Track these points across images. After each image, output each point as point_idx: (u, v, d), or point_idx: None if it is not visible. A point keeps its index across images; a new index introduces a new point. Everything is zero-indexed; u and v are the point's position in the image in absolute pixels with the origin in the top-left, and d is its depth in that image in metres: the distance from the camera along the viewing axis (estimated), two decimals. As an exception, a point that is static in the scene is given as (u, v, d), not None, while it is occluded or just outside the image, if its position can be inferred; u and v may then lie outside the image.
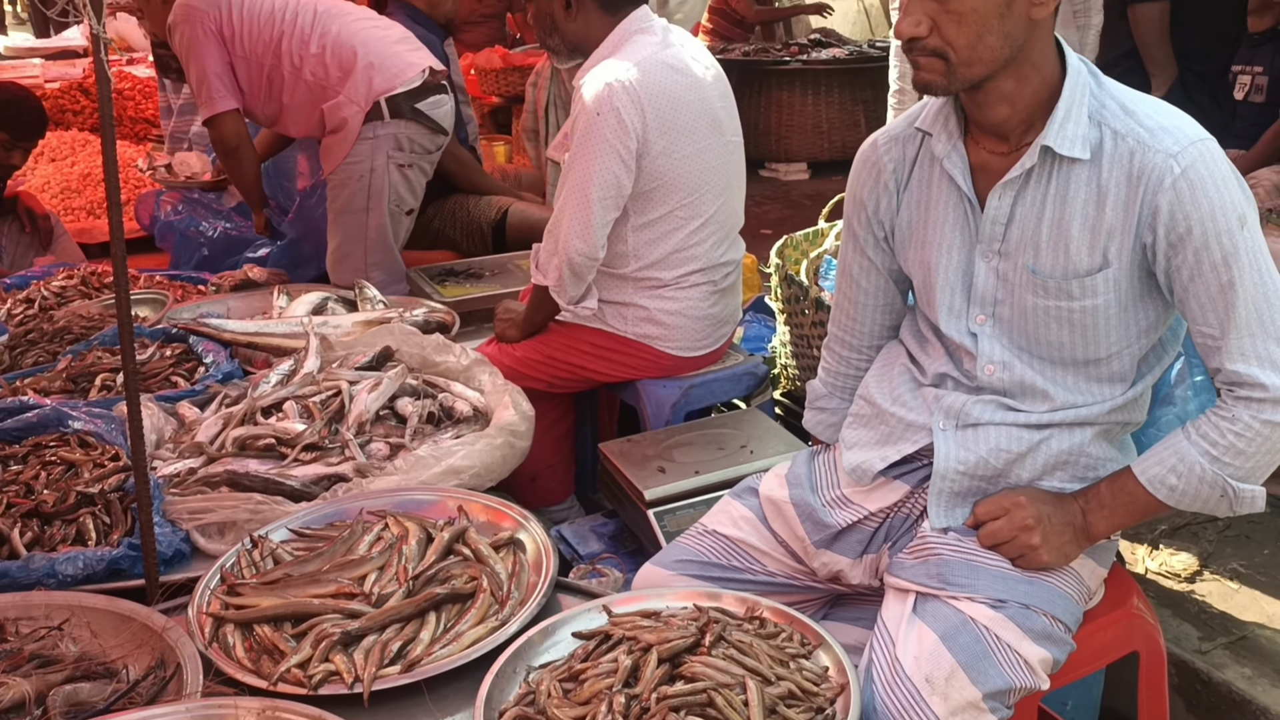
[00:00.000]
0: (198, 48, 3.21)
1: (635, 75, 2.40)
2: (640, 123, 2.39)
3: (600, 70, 2.42)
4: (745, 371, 2.68)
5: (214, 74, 3.21)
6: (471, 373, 2.44)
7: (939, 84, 1.51)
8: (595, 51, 2.52)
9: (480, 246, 3.74)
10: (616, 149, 2.38)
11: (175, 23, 3.26)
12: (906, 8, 1.47)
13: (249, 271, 3.41)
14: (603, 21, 2.50)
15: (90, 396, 2.43)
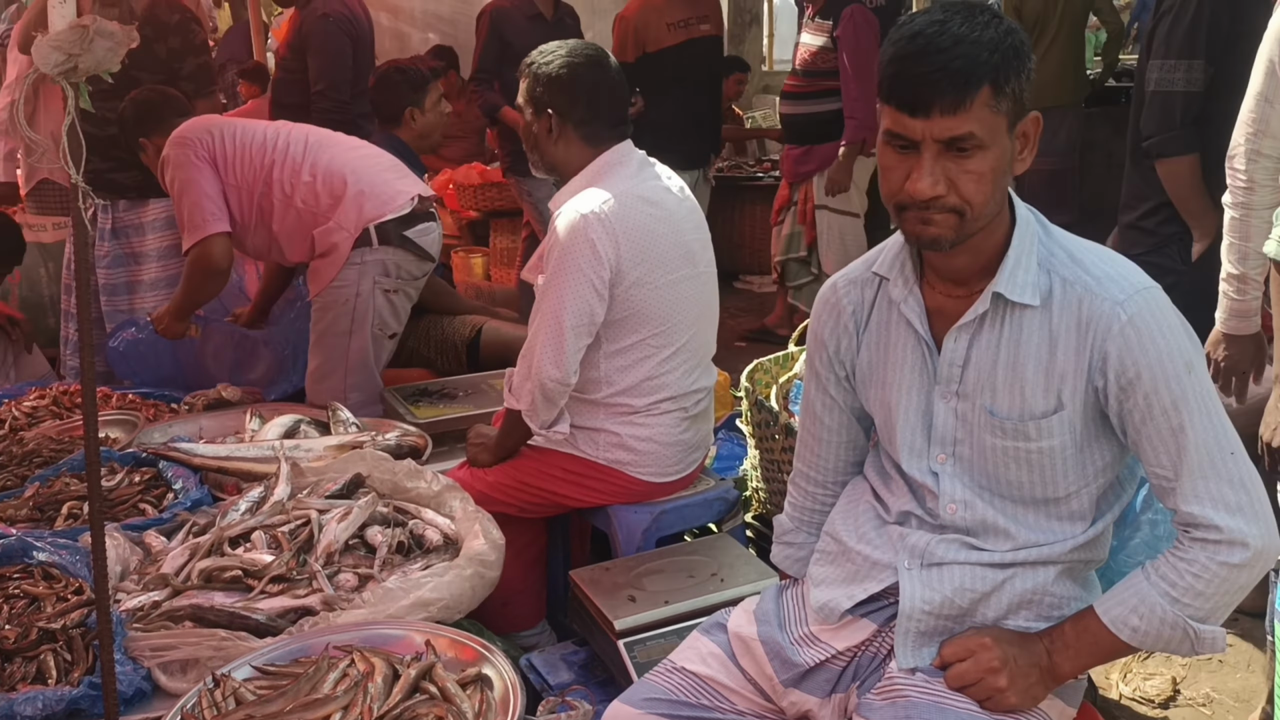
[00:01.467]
0: (190, 172, 3.24)
1: (611, 207, 2.46)
2: (614, 253, 2.45)
3: (577, 201, 2.48)
4: (716, 497, 2.69)
5: (208, 197, 3.23)
6: (442, 499, 2.44)
7: (948, 239, 1.54)
8: (573, 179, 2.58)
9: (455, 365, 3.77)
10: (590, 278, 2.43)
11: (167, 154, 3.31)
12: (923, 170, 1.49)
13: (222, 391, 3.42)
14: (583, 152, 2.57)
15: (57, 525, 2.42)
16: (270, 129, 3.43)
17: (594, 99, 2.57)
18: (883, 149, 1.55)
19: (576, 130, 2.56)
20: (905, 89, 1.48)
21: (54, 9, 1.57)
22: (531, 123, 2.60)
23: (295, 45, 4.11)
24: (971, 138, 1.48)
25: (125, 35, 1.61)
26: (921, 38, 1.47)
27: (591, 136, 2.57)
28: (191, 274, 3.37)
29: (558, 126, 2.56)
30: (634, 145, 2.63)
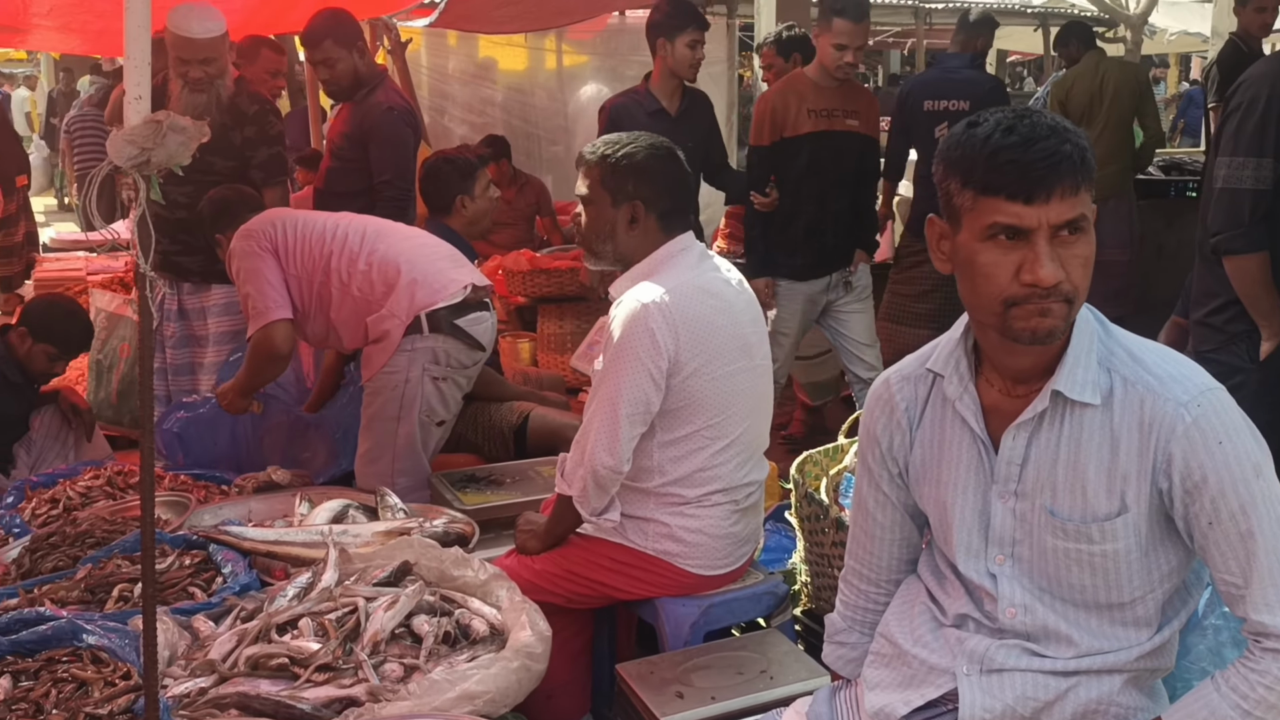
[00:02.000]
0: (254, 262, 3.35)
1: (671, 298, 2.47)
2: (673, 343, 2.45)
3: (638, 290, 2.50)
4: (766, 591, 2.65)
5: (272, 285, 3.34)
6: (489, 587, 2.43)
7: (1060, 330, 1.51)
8: (636, 266, 2.59)
9: (502, 451, 3.78)
10: (648, 367, 2.44)
11: (234, 246, 3.43)
12: (1042, 256, 1.47)
13: (272, 473, 3.45)
14: (656, 239, 2.59)
15: (107, 607, 2.42)
16: (330, 220, 3.52)
17: (675, 189, 2.61)
18: (984, 247, 1.51)
19: (660, 221, 2.58)
20: (1021, 176, 1.47)
21: (130, 105, 1.62)
22: (606, 211, 2.59)
23: (354, 136, 4.21)
24: (1084, 219, 1.49)
25: (196, 130, 1.66)
26: (1015, 131, 1.48)
27: (668, 226, 2.60)
28: (254, 357, 3.45)
29: (642, 216, 2.56)
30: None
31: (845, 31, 4.24)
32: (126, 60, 1.60)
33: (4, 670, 2.12)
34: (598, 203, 2.60)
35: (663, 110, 4.55)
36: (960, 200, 1.53)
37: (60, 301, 4.34)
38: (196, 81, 3.98)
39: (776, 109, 4.41)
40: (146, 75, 1.61)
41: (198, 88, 3.99)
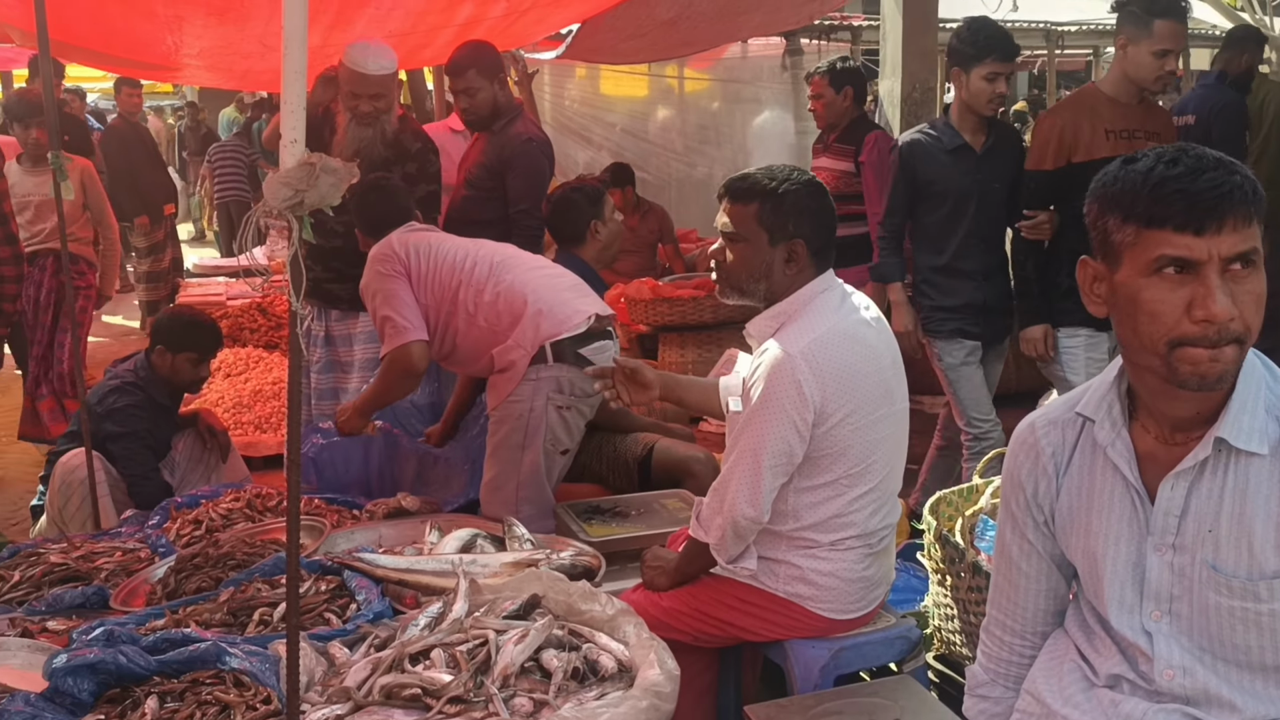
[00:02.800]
0: (388, 285, 3.44)
1: (817, 347, 2.42)
2: (819, 395, 2.41)
3: (784, 339, 2.45)
4: (898, 635, 2.58)
5: (406, 306, 3.41)
6: (617, 623, 2.42)
7: (1229, 374, 1.45)
8: (777, 306, 2.53)
9: (626, 482, 3.78)
10: (793, 419, 2.40)
11: (368, 268, 3.52)
12: (1214, 290, 1.41)
13: (402, 500, 3.52)
14: (807, 276, 2.53)
15: (248, 631, 2.49)
16: (461, 249, 3.57)
17: (830, 227, 2.56)
18: (1148, 283, 1.45)
19: (813, 259, 2.53)
20: (1190, 205, 1.40)
21: (285, 148, 1.67)
22: (762, 250, 2.52)
23: (491, 166, 4.29)
24: (1255, 253, 1.42)
25: (347, 172, 1.70)
26: (1179, 163, 1.42)
27: (820, 265, 2.55)
28: (387, 373, 3.53)
29: (802, 254, 2.51)
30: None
31: (1169, 34, 3.60)
32: (283, 105, 1.65)
33: (151, 690, 2.19)
34: (752, 240, 2.52)
35: (966, 147, 3.97)
36: (1120, 236, 1.47)
37: (181, 313, 4.49)
38: (364, 116, 4.15)
39: (1065, 129, 3.76)
40: (301, 119, 1.66)
41: (364, 121, 4.16)
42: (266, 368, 6.44)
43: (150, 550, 3.29)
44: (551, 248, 4.22)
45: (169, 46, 5.11)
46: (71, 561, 3.18)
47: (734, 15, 6.04)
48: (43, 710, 2.12)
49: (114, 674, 2.22)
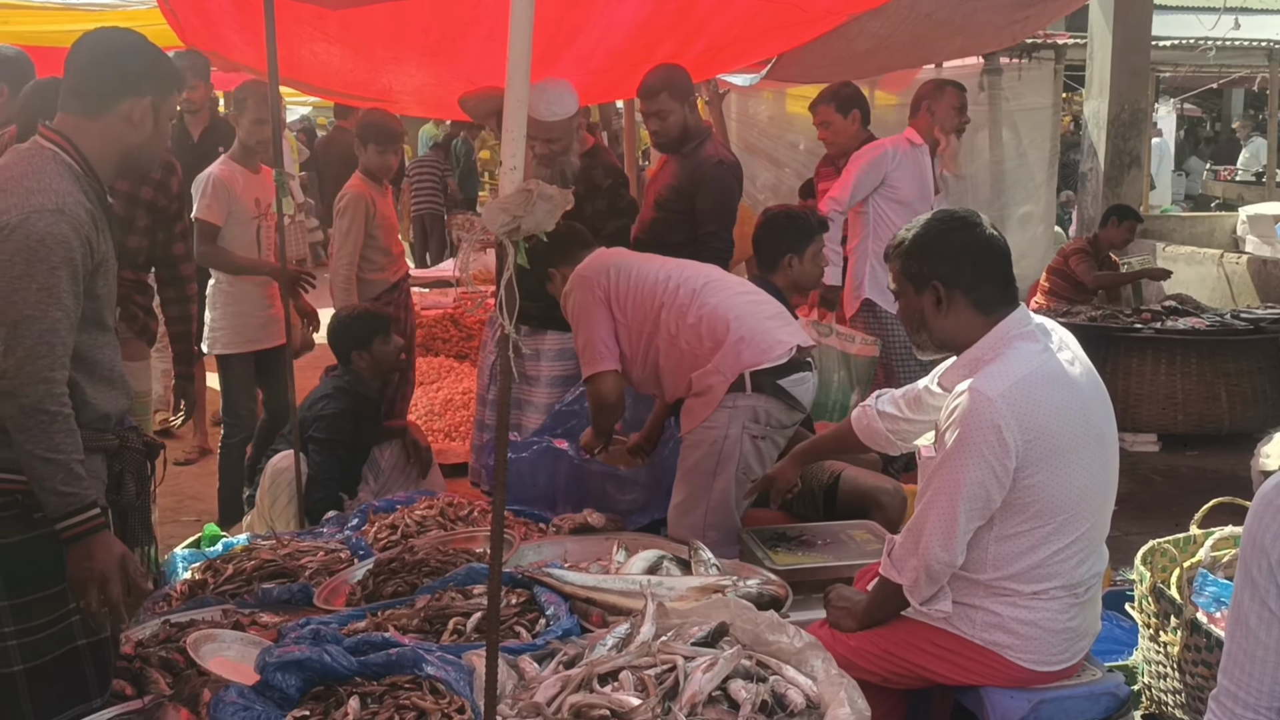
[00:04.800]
0: (587, 312, 3.51)
1: (1020, 391, 2.33)
2: (1021, 441, 2.31)
3: (984, 380, 2.36)
4: (1104, 691, 2.44)
5: (599, 338, 3.48)
6: (804, 656, 2.37)
7: None
8: (971, 350, 2.46)
9: (811, 510, 3.72)
10: (992, 465, 2.31)
11: (570, 289, 3.60)
12: None
13: (588, 516, 3.55)
14: (976, 322, 2.45)
15: (443, 639, 2.56)
16: (664, 269, 3.58)
17: (979, 261, 2.47)
18: None
19: (967, 297, 2.45)
20: None
21: (505, 175, 1.72)
22: (912, 301, 2.51)
23: (682, 188, 4.31)
24: None
25: (562, 199, 1.74)
26: None
27: (983, 303, 2.45)
28: (590, 404, 3.66)
29: (946, 296, 2.45)
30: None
31: None
32: (505, 133, 1.69)
33: (353, 691, 2.27)
34: (904, 293, 2.54)
35: None
36: None
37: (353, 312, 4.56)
38: (542, 157, 4.22)
39: None
40: (522, 147, 1.70)
41: (543, 163, 4.22)
42: (457, 377, 6.64)
43: (350, 552, 3.43)
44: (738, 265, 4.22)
45: (384, 85, 5.40)
46: (280, 559, 3.34)
47: (933, 41, 5.91)
48: (254, 703, 2.22)
49: (319, 672, 2.31)
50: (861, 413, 2.89)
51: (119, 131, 2.44)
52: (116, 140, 2.44)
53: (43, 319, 2.25)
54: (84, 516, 2.32)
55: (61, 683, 2.51)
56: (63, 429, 2.28)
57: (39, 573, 2.39)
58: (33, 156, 2.38)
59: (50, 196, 2.29)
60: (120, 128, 2.44)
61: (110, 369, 2.50)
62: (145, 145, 2.48)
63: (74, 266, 2.30)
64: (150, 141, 2.49)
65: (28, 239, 2.25)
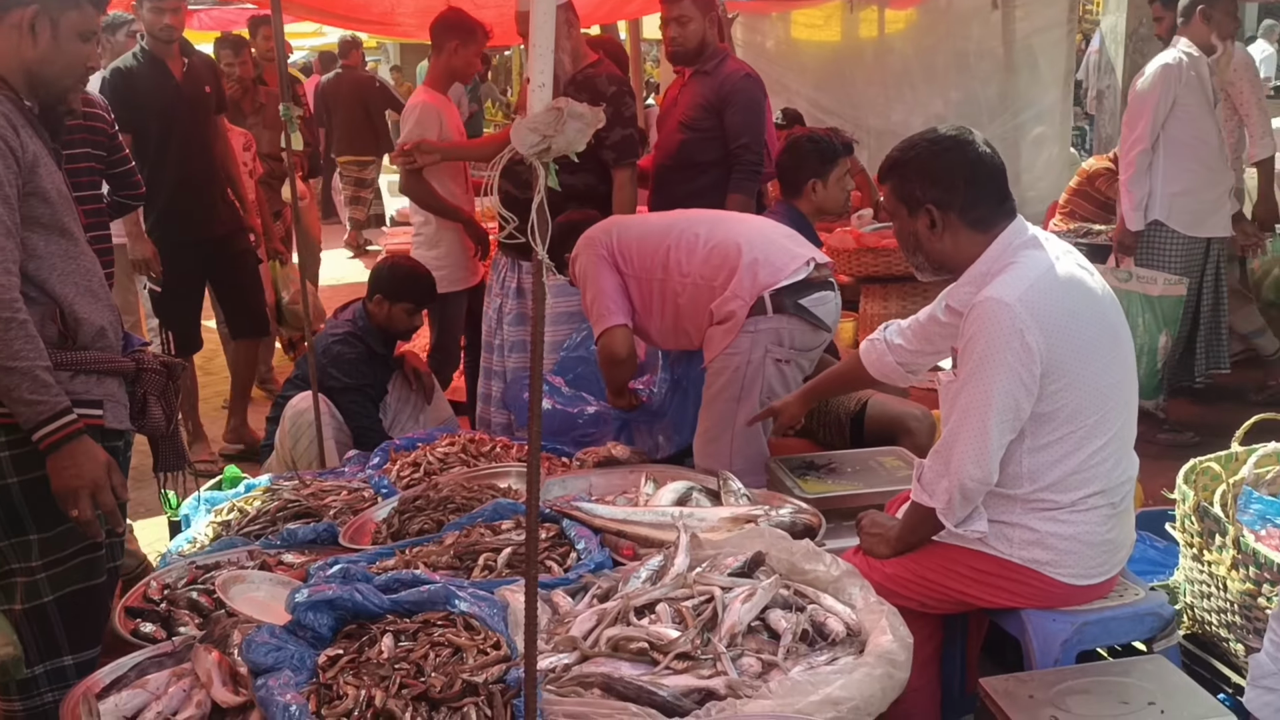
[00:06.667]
0: (593, 271, 3.48)
1: (1035, 295, 2.29)
2: (1044, 344, 2.26)
3: (997, 289, 2.31)
4: (1148, 611, 2.40)
5: (606, 293, 3.45)
6: (842, 584, 2.34)
7: None
8: (976, 266, 2.42)
9: (838, 438, 3.68)
10: (1019, 373, 2.26)
11: (576, 253, 3.56)
12: None
13: (612, 449, 3.51)
14: (974, 239, 2.42)
15: (473, 575, 2.53)
16: (666, 217, 3.60)
17: (972, 181, 2.42)
18: None
19: (962, 218, 2.41)
20: None
21: (533, 92, 1.63)
22: (905, 223, 2.48)
23: (710, 105, 4.20)
24: None
25: (594, 117, 1.65)
26: None
27: (980, 221, 2.42)
28: (601, 362, 3.62)
29: (941, 218, 2.42)
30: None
31: None
32: (531, 48, 1.61)
33: (386, 629, 2.24)
34: (897, 216, 2.50)
35: None
36: None
37: (400, 262, 4.60)
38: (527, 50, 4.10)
39: None
40: (549, 63, 1.62)
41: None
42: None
43: (373, 490, 3.40)
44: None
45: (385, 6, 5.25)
46: (303, 498, 3.31)
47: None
48: (286, 642, 2.19)
49: (350, 611, 2.28)
50: (870, 346, 2.85)
51: (14, 43, 2.38)
52: (13, 53, 2.38)
53: None
54: (58, 424, 2.28)
55: (90, 615, 2.50)
56: (19, 335, 2.23)
57: None
58: None
59: None
60: (14, 39, 2.37)
61: (89, 278, 2.46)
62: (44, 60, 2.41)
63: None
64: (49, 57, 2.41)
65: None
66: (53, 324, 2.38)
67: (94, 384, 2.44)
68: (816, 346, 3.32)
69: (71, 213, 2.46)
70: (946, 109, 8.99)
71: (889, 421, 3.57)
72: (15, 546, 2.40)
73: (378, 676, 2.05)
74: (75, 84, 2.54)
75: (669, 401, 3.73)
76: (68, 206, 2.45)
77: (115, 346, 2.51)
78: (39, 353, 2.27)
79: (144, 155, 4.60)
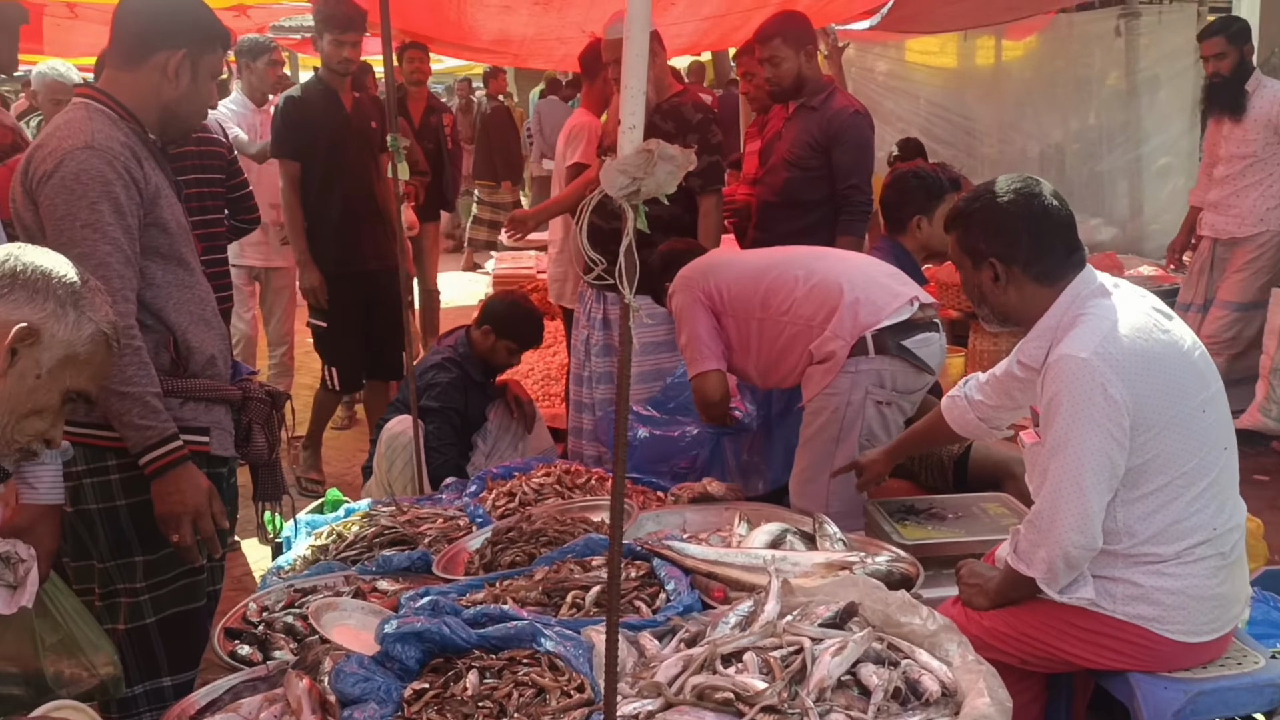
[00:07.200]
0: (688, 312, 3.50)
1: (1111, 345, 2.21)
2: (1129, 395, 2.19)
3: (1070, 344, 2.24)
4: (1268, 682, 2.27)
5: (700, 337, 3.46)
6: (939, 639, 2.25)
7: None
8: (1044, 321, 2.35)
9: (940, 481, 3.58)
10: (1109, 429, 2.19)
11: (674, 290, 3.59)
12: None
13: (708, 485, 3.47)
14: (1039, 293, 2.36)
15: (561, 613, 2.51)
16: (764, 255, 3.60)
17: (1037, 234, 2.34)
18: None
19: (1026, 272, 2.35)
20: None
21: (624, 134, 1.62)
22: (970, 275, 2.42)
23: (817, 143, 4.16)
24: None
25: (685, 159, 1.63)
26: None
27: (1045, 275, 2.34)
28: (696, 403, 3.63)
29: (1004, 271, 2.36)
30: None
31: None
32: (624, 89, 1.59)
33: (472, 664, 2.24)
34: (962, 266, 2.45)
35: None
36: None
37: (519, 301, 4.67)
38: (615, 80, 4.26)
39: None
40: (641, 104, 1.60)
41: (617, 87, 4.18)
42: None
43: (469, 519, 3.42)
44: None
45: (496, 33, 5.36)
46: (400, 525, 3.35)
47: (1069, -23, 5.60)
48: (374, 673, 2.21)
49: (438, 644, 2.28)
50: (951, 402, 2.79)
51: (155, 84, 2.47)
52: (153, 92, 2.47)
53: (93, 254, 2.29)
54: (165, 449, 2.35)
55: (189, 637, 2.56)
56: (134, 361, 2.31)
57: None
58: (67, 113, 2.43)
59: (80, 137, 2.34)
60: (156, 80, 2.46)
61: (202, 307, 2.53)
62: (182, 100, 2.49)
63: (114, 199, 2.32)
64: (188, 97, 2.50)
65: (64, 179, 2.30)
66: (165, 352, 2.46)
67: (202, 411, 2.51)
68: (919, 389, 3.25)
69: (189, 243, 2.55)
70: (1066, 138, 8.74)
71: (994, 466, 3.46)
72: (121, 567, 2.47)
73: (461, 714, 2.05)
74: (200, 122, 2.64)
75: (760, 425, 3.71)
76: (185, 237, 2.53)
77: (224, 375, 2.58)
78: (151, 379, 2.34)
79: (309, 185, 4.71)
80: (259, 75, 5.44)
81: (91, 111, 2.40)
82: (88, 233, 2.29)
